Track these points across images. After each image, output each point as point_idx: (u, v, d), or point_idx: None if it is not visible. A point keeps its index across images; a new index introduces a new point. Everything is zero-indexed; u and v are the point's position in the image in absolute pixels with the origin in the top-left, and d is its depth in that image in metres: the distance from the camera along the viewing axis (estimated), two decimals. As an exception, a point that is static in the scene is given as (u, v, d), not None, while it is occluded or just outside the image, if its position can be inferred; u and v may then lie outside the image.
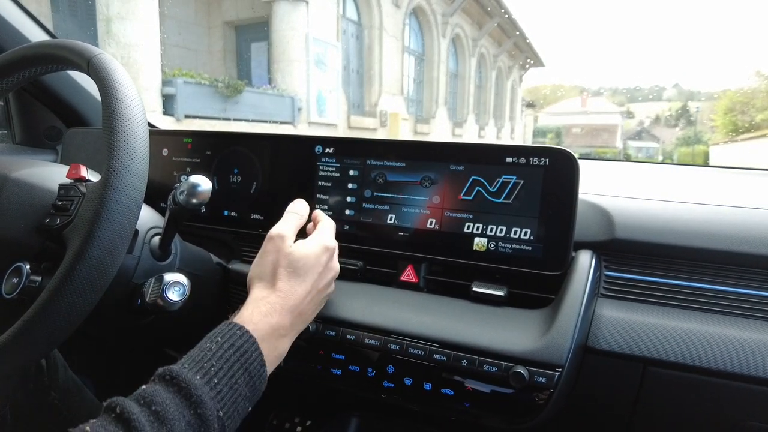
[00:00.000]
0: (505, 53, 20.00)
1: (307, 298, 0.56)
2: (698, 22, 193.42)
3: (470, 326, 0.63)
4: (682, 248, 0.64)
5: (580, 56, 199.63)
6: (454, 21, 14.44)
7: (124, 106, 0.53)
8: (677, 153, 23.17)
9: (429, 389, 0.61)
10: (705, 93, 38.71)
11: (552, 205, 0.65)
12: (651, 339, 0.60)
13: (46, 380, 0.75)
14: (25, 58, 0.62)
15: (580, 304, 0.61)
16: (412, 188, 0.72)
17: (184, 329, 0.81)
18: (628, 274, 0.66)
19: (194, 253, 0.77)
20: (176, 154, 0.90)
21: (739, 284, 0.62)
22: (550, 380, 0.56)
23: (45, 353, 0.61)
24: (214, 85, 7.57)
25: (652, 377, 0.60)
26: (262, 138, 0.84)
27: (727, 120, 17.63)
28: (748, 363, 0.56)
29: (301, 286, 0.56)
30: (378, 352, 0.63)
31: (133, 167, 0.50)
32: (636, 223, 0.67)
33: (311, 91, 9.24)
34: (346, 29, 10.71)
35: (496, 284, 0.68)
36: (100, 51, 0.58)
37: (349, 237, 0.75)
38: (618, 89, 45.58)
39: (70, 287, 0.46)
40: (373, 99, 11.49)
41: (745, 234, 0.63)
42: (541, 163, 0.65)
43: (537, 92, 37.78)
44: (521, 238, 0.66)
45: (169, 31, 8.45)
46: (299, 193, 0.79)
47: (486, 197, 0.68)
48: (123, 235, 0.49)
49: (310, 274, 0.57)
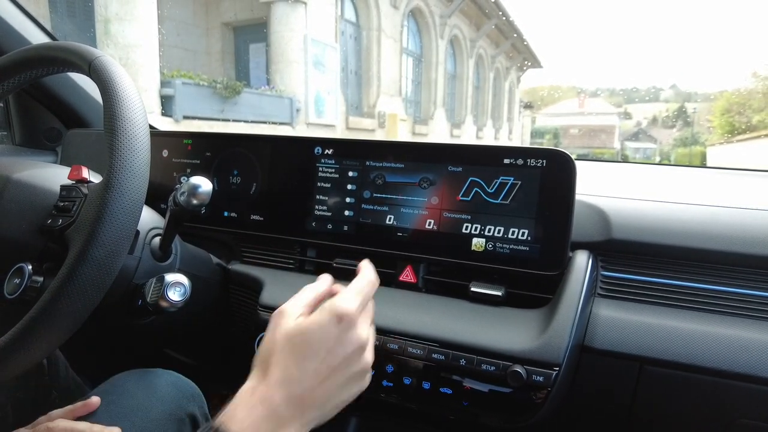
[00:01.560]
0: (503, 54, 20.04)
1: (315, 381, 0.44)
2: (695, 23, 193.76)
3: (469, 326, 0.63)
4: (678, 248, 0.65)
5: (577, 57, 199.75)
6: (452, 22, 14.46)
7: (126, 108, 0.53)
8: (674, 154, 23.22)
9: (428, 388, 0.62)
10: (702, 94, 38.81)
11: (549, 205, 0.65)
12: (647, 338, 0.60)
13: (47, 379, 0.76)
14: (26, 60, 0.62)
15: (577, 304, 0.61)
16: (410, 189, 0.72)
17: (184, 330, 0.81)
18: (624, 274, 0.67)
19: (194, 254, 0.77)
20: (176, 156, 0.90)
21: (735, 284, 0.63)
22: (547, 379, 0.57)
23: (47, 353, 0.62)
24: (212, 86, 7.57)
25: (649, 376, 0.60)
26: (261, 139, 0.84)
27: (724, 121, 17.68)
28: (743, 362, 0.57)
29: (301, 368, 0.44)
30: (377, 351, 0.64)
31: (135, 169, 0.51)
32: (632, 224, 0.68)
33: (309, 92, 9.24)
34: (344, 30, 10.72)
35: (494, 284, 0.69)
36: (102, 53, 0.58)
37: (348, 238, 0.76)
38: (615, 90, 45.68)
39: (72, 288, 0.47)
40: (372, 100, 11.50)
41: (741, 234, 0.64)
42: (539, 165, 0.66)
43: (534, 93, 37.83)
44: (519, 239, 0.67)
45: (168, 33, 8.44)
46: (299, 194, 0.80)
47: (484, 198, 0.68)
48: (125, 236, 0.50)
49: (315, 351, 0.45)
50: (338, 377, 0.46)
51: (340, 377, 0.46)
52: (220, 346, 0.96)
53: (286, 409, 0.43)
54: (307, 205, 0.79)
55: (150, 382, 0.66)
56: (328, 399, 0.46)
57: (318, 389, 0.44)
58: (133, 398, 0.63)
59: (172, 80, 7.05)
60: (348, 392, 0.47)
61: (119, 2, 6.44)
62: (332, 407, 0.46)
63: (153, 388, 0.65)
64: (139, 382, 0.66)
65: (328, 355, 0.45)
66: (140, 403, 0.62)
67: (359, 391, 0.49)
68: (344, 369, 0.46)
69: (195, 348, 1.00)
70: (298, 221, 0.79)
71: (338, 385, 0.46)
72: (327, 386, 0.45)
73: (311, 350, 0.45)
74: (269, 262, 0.84)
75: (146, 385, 0.66)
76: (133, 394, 0.63)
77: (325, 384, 0.45)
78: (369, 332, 0.49)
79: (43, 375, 0.75)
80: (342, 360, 0.46)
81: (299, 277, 0.79)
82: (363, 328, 0.48)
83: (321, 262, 0.81)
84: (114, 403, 0.61)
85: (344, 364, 0.46)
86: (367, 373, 0.49)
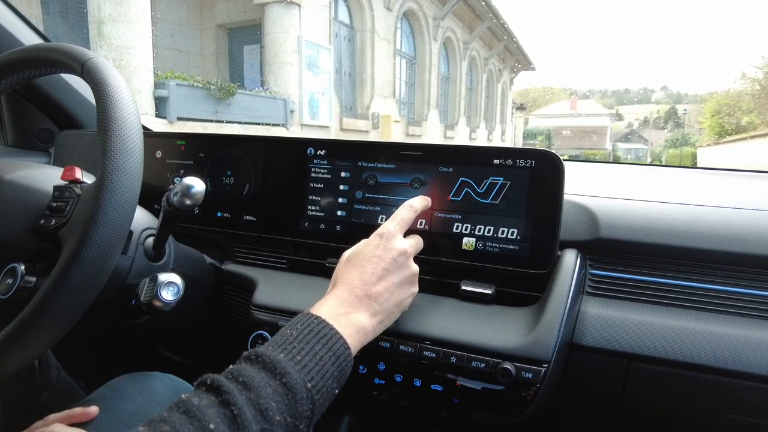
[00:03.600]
0: (496, 56, 20.13)
1: (373, 279, 0.56)
2: (685, 25, 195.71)
3: (459, 324, 0.64)
4: (665, 247, 0.66)
5: (569, 59, 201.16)
6: (445, 24, 14.51)
7: (119, 109, 0.53)
8: (665, 155, 23.39)
9: (419, 385, 0.63)
10: (692, 95, 39.18)
11: (538, 205, 0.66)
12: (634, 335, 0.61)
13: (38, 381, 0.75)
14: (20, 61, 0.62)
15: (566, 302, 0.62)
16: (402, 189, 0.73)
17: (177, 329, 0.82)
18: (612, 272, 0.68)
19: (188, 254, 0.78)
20: (170, 156, 0.90)
21: (720, 282, 0.64)
22: (536, 376, 0.58)
23: (40, 354, 0.62)
24: (206, 87, 7.54)
25: (636, 372, 0.61)
26: (254, 140, 0.85)
27: (714, 122, 17.85)
28: (728, 358, 0.58)
29: (359, 273, 0.56)
30: (369, 349, 0.65)
31: (128, 169, 0.51)
32: (620, 223, 0.69)
33: (303, 93, 9.23)
34: (338, 32, 10.72)
35: (484, 283, 0.70)
36: (95, 55, 0.58)
37: (340, 238, 0.76)
38: (607, 92, 45.98)
39: (65, 287, 0.47)
40: (366, 101, 11.51)
41: (725, 233, 0.65)
42: (528, 165, 0.67)
43: (527, 95, 38.02)
44: (508, 238, 0.67)
45: (162, 34, 8.41)
46: (291, 194, 0.80)
47: (474, 198, 0.69)
48: (118, 236, 0.50)
49: (367, 259, 0.57)
50: (392, 277, 0.57)
51: (393, 278, 0.57)
52: (214, 346, 0.96)
53: (353, 299, 0.54)
54: (300, 206, 0.79)
55: (149, 386, 0.66)
56: (388, 296, 0.57)
57: (377, 285, 0.56)
58: (132, 403, 0.63)
59: (166, 82, 7.01)
60: (403, 291, 0.59)
61: (112, 3, 6.40)
62: (393, 304, 0.57)
63: (152, 392, 0.66)
64: (137, 386, 0.66)
65: (379, 261, 0.57)
66: (139, 407, 0.63)
67: (413, 293, 0.61)
68: (395, 271, 0.58)
69: (188, 348, 1.00)
70: (290, 221, 0.80)
71: (393, 283, 0.57)
72: (384, 284, 0.56)
73: (365, 259, 0.57)
74: (262, 262, 0.84)
75: (145, 389, 0.66)
76: (132, 399, 0.64)
77: (382, 282, 0.56)
78: (410, 244, 0.61)
79: (34, 376, 0.75)
80: (390, 262, 0.57)
81: (292, 277, 0.80)
82: (402, 240, 0.61)
83: (313, 262, 0.81)
84: (113, 408, 0.62)
85: (393, 266, 0.58)
86: (416, 277, 0.61)
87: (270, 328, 0.69)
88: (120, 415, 0.61)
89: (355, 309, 0.53)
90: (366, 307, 0.54)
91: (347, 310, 0.53)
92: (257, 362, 0.44)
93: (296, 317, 0.50)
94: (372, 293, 0.55)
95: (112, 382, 0.67)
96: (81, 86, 1.06)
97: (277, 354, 0.45)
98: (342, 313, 0.52)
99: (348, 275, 0.56)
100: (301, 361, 0.45)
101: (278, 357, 0.44)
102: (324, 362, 0.46)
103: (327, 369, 0.46)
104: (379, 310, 0.55)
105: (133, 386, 0.66)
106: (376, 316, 0.55)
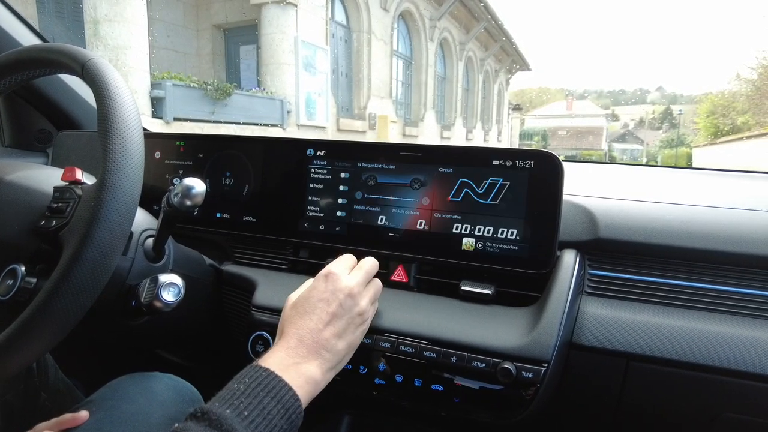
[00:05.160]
0: (492, 57, 20.16)
1: (320, 326, 0.55)
2: (681, 26, 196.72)
3: (459, 324, 0.64)
4: (663, 247, 0.66)
5: (565, 60, 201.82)
6: (441, 25, 14.52)
7: (119, 109, 0.53)
8: (661, 155, 23.50)
9: (420, 385, 0.63)
10: (687, 96, 39.39)
11: (537, 206, 0.67)
12: (633, 335, 0.62)
13: (36, 382, 0.75)
14: (19, 61, 0.62)
15: (565, 302, 0.63)
16: (402, 190, 0.73)
17: (176, 330, 0.81)
18: (611, 272, 0.69)
19: (187, 255, 0.78)
20: (169, 157, 0.90)
21: (718, 281, 0.65)
22: (536, 375, 0.58)
23: (40, 355, 0.62)
24: (203, 87, 7.51)
25: (635, 372, 0.62)
26: (254, 141, 0.85)
27: (709, 122, 17.95)
28: (727, 357, 0.58)
29: (306, 320, 0.55)
30: (370, 350, 0.65)
31: (129, 170, 0.51)
32: (618, 223, 0.69)
33: (300, 93, 9.22)
34: (335, 33, 10.71)
35: (484, 283, 0.70)
36: (95, 55, 0.58)
37: (340, 238, 0.76)
38: (603, 92, 46.19)
39: (66, 288, 0.47)
40: (362, 102, 11.50)
41: (722, 233, 0.65)
42: (527, 166, 0.67)
43: (523, 95, 38.14)
44: (508, 238, 0.68)
45: (158, 34, 8.38)
46: (291, 195, 0.80)
47: (474, 199, 0.70)
48: (119, 237, 0.50)
49: (313, 304, 0.56)
50: (339, 322, 0.56)
51: (340, 322, 0.56)
52: (214, 347, 0.96)
53: (302, 349, 0.53)
54: (300, 206, 0.79)
55: (150, 387, 0.66)
56: (337, 341, 0.55)
57: (325, 332, 0.55)
58: (133, 403, 0.63)
59: (162, 82, 6.98)
60: (352, 333, 0.58)
61: (108, 3, 6.37)
62: (344, 348, 0.56)
63: (153, 392, 0.66)
64: (138, 387, 0.66)
65: (326, 305, 0.56)
66: (140, 408, 0.63)
67: (362, 333, 0.60)
68: (343, 314, 0.57)
69: (188, 349, 1.00)
70: (290, 222, 0.80)
71: (341, 327, 0.56)
72: (332, 329, 0.55)
73: (310, 305, 0.56)
74: (262, 263, 0.84)
75: (146, 389, 0.66)
76: (133, 399, 0.63)
77: (329, 328, 0.55)
78: (356, 282, 0.60)
79: (32, 377, 0.75)
80: (337, 307, 0.56)
81: (292, 278, 0.80)
82: (348, 279, 0.59)
83: (313, 262, 0.81)
84: (114, 408, 0.61)
85: (341, 310, 0.57)
86: (365, 318, 0.60)
87: (270, 329, 0.69)
88: (121, 415, 0.61)
89: (305, 359, 0.52)
90: (315, 355, 0.53)
91: (297, 361, 0.51)
92: (203, 420, 0.43)
93: (244, 370, 0.50)
94: (321, 341, 0.54)
95: (113, 383, 0.67)
96: (79, 87, 1.06)
97: (223, 410, 0.44)
98: (291, 363, 0.51)
99: (296, 323, 0.55)
100: (249, 416, 0.44)
101: (225, 413, 0.44)
102: (272, 416, 0.45)
103: (276, 423, 0.45)
104: (329, 357, 0.54)
105: (133, 387, 0.66)
106: (327, 364, 0.54)
